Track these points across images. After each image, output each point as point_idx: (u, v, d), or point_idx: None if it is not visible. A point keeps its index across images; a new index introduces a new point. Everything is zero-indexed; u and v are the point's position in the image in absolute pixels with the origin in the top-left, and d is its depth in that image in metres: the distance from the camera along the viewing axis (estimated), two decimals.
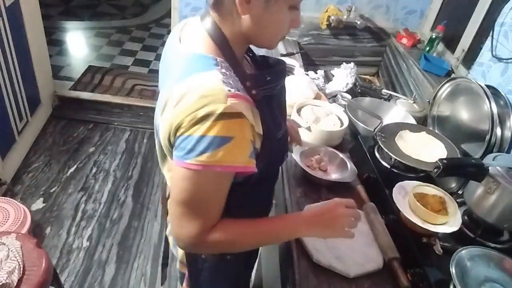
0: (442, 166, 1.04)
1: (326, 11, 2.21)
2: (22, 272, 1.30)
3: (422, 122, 1.68)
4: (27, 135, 2.63)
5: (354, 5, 2.22)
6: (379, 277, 1.03)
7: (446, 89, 1.56)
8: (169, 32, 3.74)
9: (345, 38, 2.30)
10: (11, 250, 1.34)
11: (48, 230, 2.17)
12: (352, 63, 2.02)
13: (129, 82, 3.45)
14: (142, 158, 2.75)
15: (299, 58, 2.10)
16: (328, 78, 2.04)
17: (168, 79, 0.82)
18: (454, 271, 0.92)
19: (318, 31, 2.27)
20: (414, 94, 1.80)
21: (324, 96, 1.74)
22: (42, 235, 2.13)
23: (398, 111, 1.69)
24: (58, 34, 4.17)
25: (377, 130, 1.37)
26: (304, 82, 1.71)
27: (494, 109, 1.27)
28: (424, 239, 1.06)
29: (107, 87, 3.33)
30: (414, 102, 1.73)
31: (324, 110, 1.57)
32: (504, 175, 1.03)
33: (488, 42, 1.54)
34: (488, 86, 1.34)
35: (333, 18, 2.17)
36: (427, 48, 2.00)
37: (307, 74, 1.88)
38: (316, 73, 1.93)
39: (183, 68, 0.77)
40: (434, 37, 1.97)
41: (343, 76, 1.96)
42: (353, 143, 1.52)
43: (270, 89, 0.82)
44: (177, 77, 0.76)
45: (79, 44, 4.15)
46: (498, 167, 1.05)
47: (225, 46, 0.79)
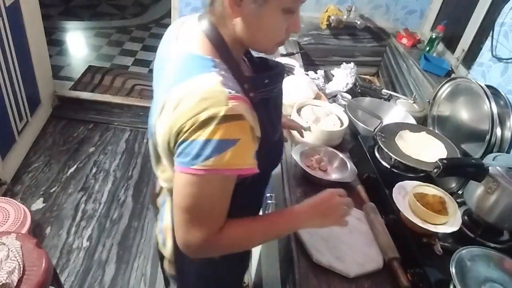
0: (442, 166, 1.04)
1: (326, 11, 2.20)
2: (22, 272, 1.30)
3: (422, 122, 1.67)
4: (27, 135, 2.63)
5: (354, 5, 2.22)
6: (379, 277, 1.03)
7: (446, 89, 1.55)
8: None
9: (345, 38, 2.30)
10: (11, 250, 1.34)
11: (48, 230, 2.17)
12: (352, 63, 2.02)
13: (129, 82, 3.45)
14: (142, 158, 2.75)
15: (299, 58, 2.09)
16: (328, 78, 2.04)
17: (163, 79, 0.81)
18: (454, 271, 0.92)
19: (318, 31, 2.27)
20: (414, 94, 1.80)
21: (324, 96, 1.73)
22: (42, 235, 2.13)
23: (398, 111, 1.69)
24: (58, 34, 4.17)
25: (377, 130, 1.36)
26: (304, 82, 1.71)
27: (494, 109, 1.27)
28: (424, 239, 1.06)
29: (107, 87, 3.33)
30: (414, 102, 1.73)
31: (324, 110, 1.57)
32: (504, 175, 1.03)
33: (488, 42, 1.54)
34: (488, 86, 1.34)
35: (333, 18, 2.17)
36: (427, 48, 1.99)
37: (307, 74, 1.88)
38: (316, 73, 1.93)
39: (181, 69, 0.76)
40: (434, 37, 1.96)
41: (343, 76, 1.96)
42: (353, 143, 1.51)
43: (267, 92, 0.81)
44: (174, 78, 0.75)
45: (79, 44, 4.15)
46: (498, 167, 1.05)
47: (222, 48, 0.78)
